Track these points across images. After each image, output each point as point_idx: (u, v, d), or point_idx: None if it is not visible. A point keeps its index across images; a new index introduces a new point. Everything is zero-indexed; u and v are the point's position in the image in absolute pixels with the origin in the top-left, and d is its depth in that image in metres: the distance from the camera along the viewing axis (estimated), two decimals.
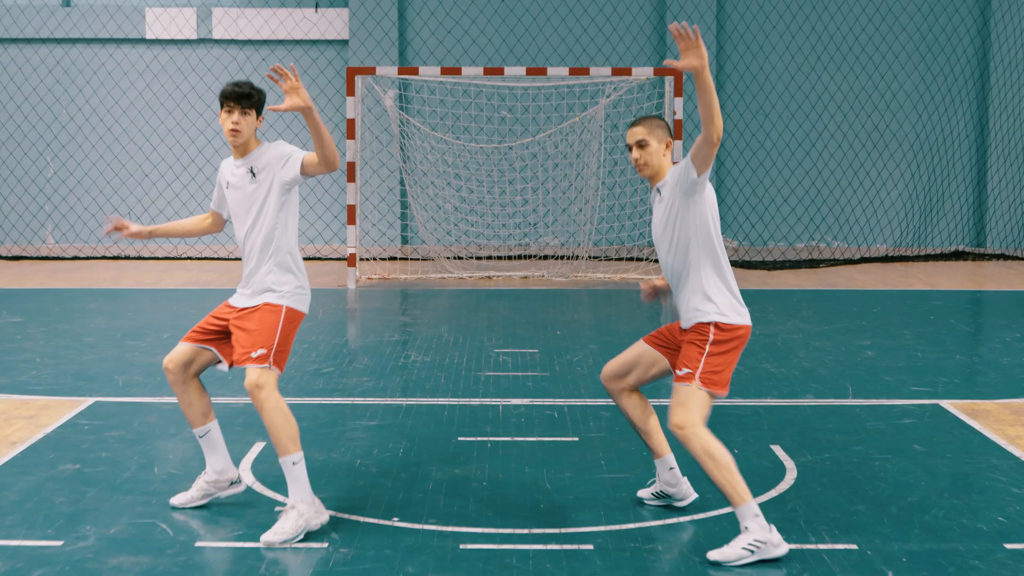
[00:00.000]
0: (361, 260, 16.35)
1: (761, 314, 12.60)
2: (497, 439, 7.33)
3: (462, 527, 5.69)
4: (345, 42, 19.20)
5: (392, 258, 18.16)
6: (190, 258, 18.31)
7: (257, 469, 6.64)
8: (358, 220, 15.63)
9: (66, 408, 8.08)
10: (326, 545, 5.44)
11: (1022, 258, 18.63)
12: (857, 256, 18.64)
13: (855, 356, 10.13)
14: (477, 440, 7.31)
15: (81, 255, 18.55)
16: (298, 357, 9.49)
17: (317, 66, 19.21)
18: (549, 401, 8.39)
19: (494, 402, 8.36)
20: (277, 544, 5.47)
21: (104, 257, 18.39)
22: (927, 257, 18.44)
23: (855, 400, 8.45)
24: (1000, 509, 5.98)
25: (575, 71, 15.87)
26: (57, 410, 8.01)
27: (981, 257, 18.64)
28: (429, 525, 5.71)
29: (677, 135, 15.37)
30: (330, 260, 18.36)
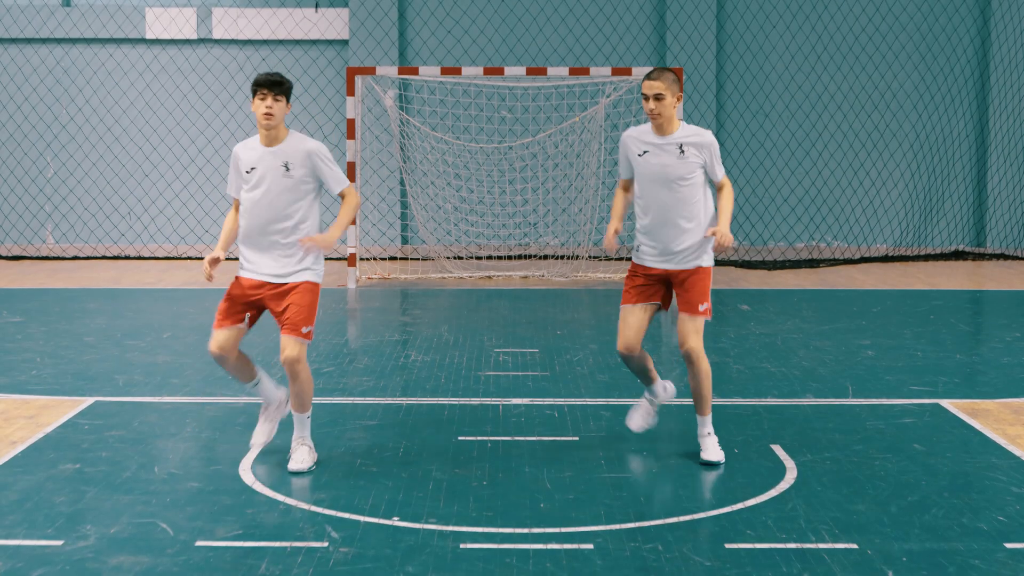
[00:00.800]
0: (361, 260, 16.35)
1: (761, 314, 12.61)
2: (497, 439, 7.33)
3: (462, 527, 5.69)
4: (345, 42, 19.20)
5: (392, 258, 18.16)
6: (190, 258, 18.31)
7: (257, 469, 6.64)
8: (358, 220, 15.64)
9: (66, 408, 8.08)
10: (326, 545, 5.44)
11: (1022, 258, 18.63)
12: (857, 256, 18.64)
13: (855, 356, 10.13)
14: (477, 440, 7.31)
15: (81, 255, 18.55)
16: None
17: (317, 66, 19.21)
18: (549, 401, 8.39)
19: (494, 402, 8.36)
20: (305, 470, 6.48)
21: (104, 257, 18.39)
22: (927, 257, 18.44)
23: (855, 400, 8.45)
24: (1000, 508, 5.98)
25: (575, 71, 15.87)
26: (57, 410, 8.01)
27: (981, 257, 18.64)
28: (429, 525, 5.71)
29: None
30: (330, 260, 18.35)
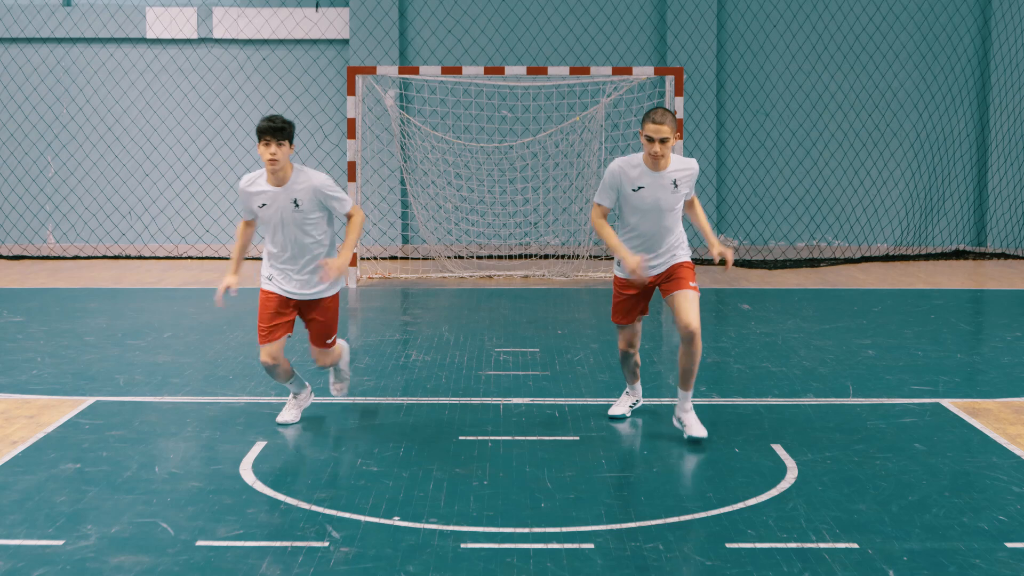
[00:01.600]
0: (362, 259, 16.35)
1: (762, 313, 12.61)
2: (498, 438, 7.34)
3: (463, 526, 5.69)
4: (346, 41, 19.20)
5: (393, 257, 18.16)
6: (191, 258, 18.32)
7: (257, 469, 6.65)
8: None
9: (67, 407, 8.08)
10: (327, 544, 5.44)
11: (1023, 257, 18.62)
12: (858, 255, 18.64)
13: (856, 355, 10.13)
14: (478, 439, 7.31)
15: (82, 255, 18.56)
16: (299, 356, 9.49)
17: (318, 65, 19.21)
18: (550, 400, 8.39)
19: (495, 401, 8.36)
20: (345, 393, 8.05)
21: (105, 257, 18.40)
22: (928, 256, 18.44)
23: (856, 399, 8.45)
24: (1001, 508, 5.98)
25: (576, 70, 15.88)
26: (58, 409, 8.02)
27: (982, 256, 18.64)
28: (430, 524, 5.71)
29: (678, 134, 15.41)
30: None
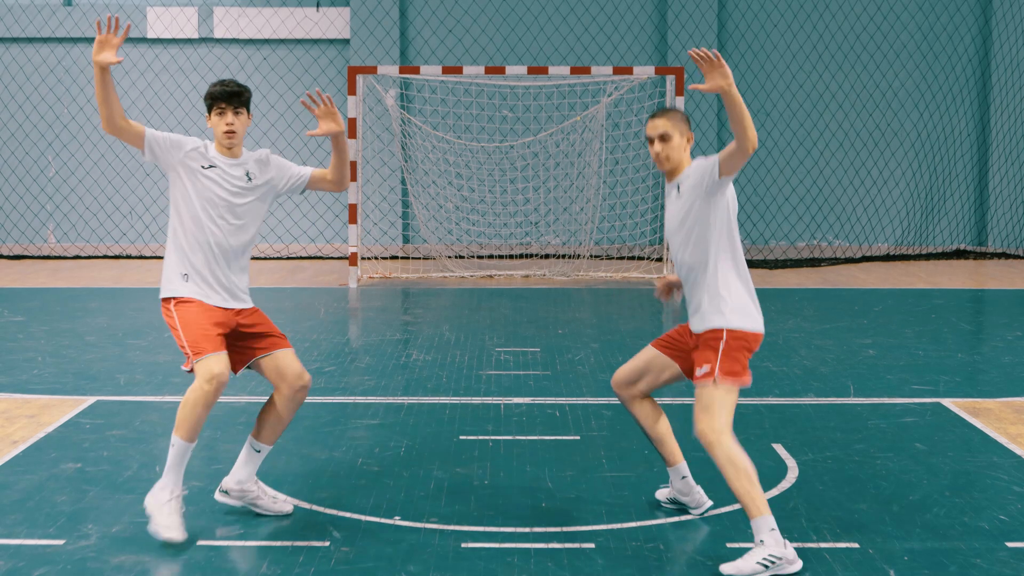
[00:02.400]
0: (362, 259, 16.34)
1: (763, 313, 12.59)
2: (499, 438, 7.33)
3: (463, 526, 5.69)
4: (346, 41, 19.19)
5: (393, 257, 18.15)
6: None
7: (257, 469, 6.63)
8: (359, 219, 15.64)
9: (67, 407, 8.08)
10: (327, 544, 5.44)
11: (1023, 257, 18.61)
12: (859, 255, 18.63)
13: (856, 355, 10.13)
14: (479, 439, 7.31)
15: (83, 254, 18.56)
16: (300, 356, 9.48)
17: (318, 65, 19.21)
18: (551, 400, 8.39)
19: (496, 401, 8.36)
20: None
21: (106, 256, 18.39)
22: (928, 256, 18.44)
23: (856, 399, 8.45)
24: (1002, 507, 5.98)
25: (576, 70, 15.87)
26: (58, 409, 8.01)
27: (982, 256, 18.63)
28: (431, 524, 5.71)
29: None
30: (331, 259, 18.36)
